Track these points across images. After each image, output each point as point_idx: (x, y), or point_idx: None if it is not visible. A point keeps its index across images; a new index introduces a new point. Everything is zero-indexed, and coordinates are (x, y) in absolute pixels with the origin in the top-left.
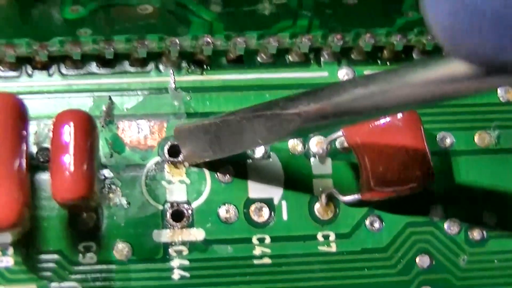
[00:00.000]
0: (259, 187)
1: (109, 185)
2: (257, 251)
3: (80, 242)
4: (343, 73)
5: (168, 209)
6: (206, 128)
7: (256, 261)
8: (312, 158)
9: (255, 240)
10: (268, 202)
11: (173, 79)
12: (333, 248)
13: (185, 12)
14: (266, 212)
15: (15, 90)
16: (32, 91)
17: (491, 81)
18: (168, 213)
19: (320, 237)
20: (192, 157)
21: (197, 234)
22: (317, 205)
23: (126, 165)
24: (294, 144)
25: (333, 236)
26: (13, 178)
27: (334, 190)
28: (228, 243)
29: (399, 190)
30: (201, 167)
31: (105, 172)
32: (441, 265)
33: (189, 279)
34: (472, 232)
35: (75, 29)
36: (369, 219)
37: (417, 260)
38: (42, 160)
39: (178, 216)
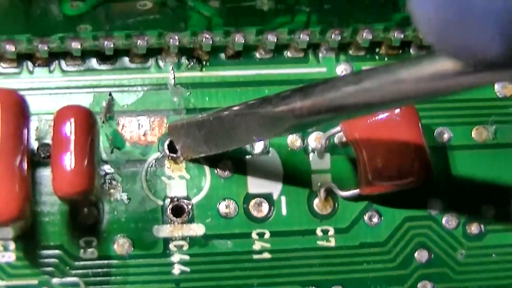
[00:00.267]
0: (258, 182)
1: (109, 181)
2: (257, 246)
3: (81, 237)
4: (341, 68)
5: (168, 204)
6: (200, 125)
7: (255, 256)
8: (311, 154)
9: (254, 235)
10: (268, 197)
11: (173, 75)
12: (332, 242)
13: (184, 7)
14: (265, 207)
15: (16, 87)
16: (33, 87)
17: (479, 78)
18: (169, 208)
19: (319, 232)
20: (187, 153)
21: (197, 229)
22: (316, 200)
23: (126, 160)
24: (293, 140)
25: (332, 231)
26: (14, 174)
27: (332, 185)
28: (228, 238)
29: (398, 185)
30: (201, 162)
31: (106, 168)
32: (439, 259)
33: (189, 273)
34: (470, 226)
35: (75, 25)
36: (367, 213)
37: (415, 254)
38: (43, 155)
39: (178, 211)
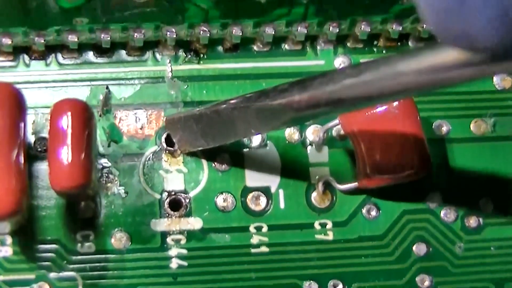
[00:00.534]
0: (256, 175)
1: (106, 174)
2: (255, 239)
3: (78, 231)
4: (339, 61)
5: (165, 198)
6: (198, 118)
7: (253, 250)
8: (309, 147)
9: (252, 229)
10: (265, 190)
11: (170, 68)
12: (330, 236)
13: (181, 0)
14: (263, 200)
15: (12, 80)
16: (29, 80)
17: (478, 69)
18: (166, 202)
19: (317, 225)
20: (185, 146)
21: (194, 223)
22: (314, 194)
23: (123, 154)
24: (291, 133)
25: (330, 224)
26: (11, 167)
27: (330, 178)
28: (226, 231)
29: (396, 178)
30: (198, 156)
31: (103, 162)
32: (438, 253)
33: (187, 267)
34: (469, 220)
35: (71, 18)
36: (365, 207)
37: (413, 248)
38: (40, 149)
39: (175, 205)
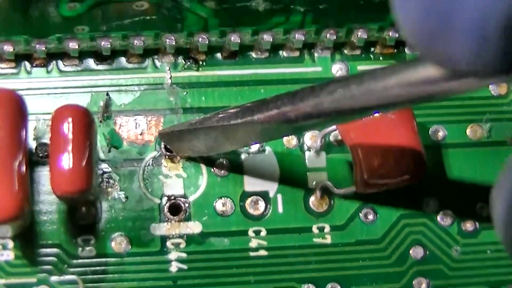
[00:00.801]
0: (254, 180)
1: (107, 179)
2: (253, 243)
3: (79, 236)
4: (337, 67)
5: (165, 202)
6: (192, 133)
7: (252, 253)
8: (307, 152)
9: (251, 233)
10: (264, 195)
11: (169, 75)
12: (328, 240)
13: (180, 8)
14: (262, 205)
15: (14, 87)
16: (31, 87)
17: (464, 84)
18: (166, 207)
19: (315, 229)
20: (182, 153)
21: (194, 227)
22: (312, 198)
23: (123, 159)
24: (289, 138)
25: (328, 228)
26: (13, 173)
27: (328, 183)
28: (225, 235)
29: (393, 183)
30: (197, 161)
31: (103, 167)
32: (435, 256)
33: (186, 271)
34: (465, 224)
35: (72, 26)
36: (363, 211)
37: (410, 252)
38: (41, 155)
39: (175, 209)
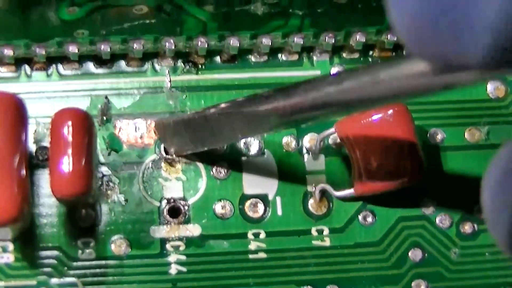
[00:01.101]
0: (254, 183)
1: (107, 182)
2: (253, 246)
3: (79, 238)
4: (335, 71)
5: (165, 205)
6: (186, 123)
7: (251, 256)
8: (306, 155)
9: (250, 235)
10: (263, 198)
11: (169, 78)
12: (327, 242)
13: (179, 12)
14: (261, 207)
15: (14, 91)
16: (31, 91)
17: (455, 78)
18: (165, 210)
19: (314, 232)
20: (175, 149)
21: (193, 230)
22: (311, 201)
23: (123, 162)
24: (288, 141)
25: (327, 231)
26: (13, 176)
27: (327, 185)
28: (224, 238)
29: (391, 185)
30: (197, 164)
31: (103, 170)
32: (433, 259)
33: (186, 273)
34: (464, 226)
35: (72, 30)
36: (362, 213)
37: (409, 254)
38: (41, 158)
39: (174, 212)
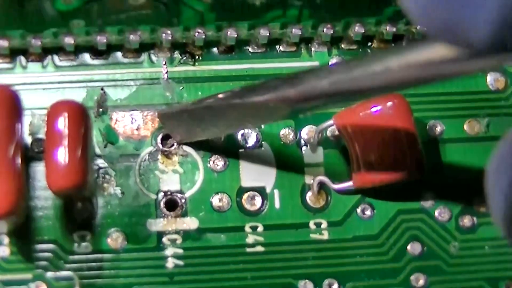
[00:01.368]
0: (251, 176)
1: (103, 175)
2: (250, 239)
3: (75, 232)
4: (334, 62)
5: (161, 198)
6: (190, 112)
7: (249, 249)
8: (304, 147)
9: (248, 229)
10: (261, 190)
11: (166, 69)
12: (325, 235)
13: (176, 2)
14: (258, 200)
15: (9, 82)
16: (26, 82)
17: (463, 65)
18: (162, 202)
19: (312, 225)
20: (180, 138)
21: (190, 223)
22: (309, 194)
23: (120, 155)
24: (286, 133)
25: (325, 224)
26: (8, 168)
27: (325, 178)
28: (221, 231)
29: (390, 177)
30: (193, 156)
31: (99, 162)
32: (432, 252)
33: (183, 267)
34: (463, 219)
35: (68, 20)
36: (360, 207)
37: (408, 247)
38: (36, 150)
39: (171, 205)
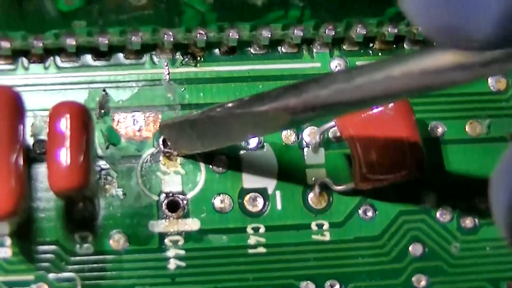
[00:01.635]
0: (253, 177)
1: (105, 176)
2: (252, 240)
3: (77, 233)
4: (335, 63)
5: (163, 199)
6: (193, 124)
7: (250, 250)
8: (305, 148)
9: (249, 230)
10: (262, 192)
11: (167, 71)
12: (326, 237)
13: (178, 3)
14: (260, 202)
15: (11, 83)
16: (28, 83)
17: (466, 73)
18: (164, 204)
19: (313, 226)
20: (181, 149)
21: (192, 224)
22: (310, 195)
23: (121, 156)
24: (288, 135)
25: (326, 225)
26: (10, 169)
27: (327, 179)
28: (223, 232)
29: (391, 178)
30: (195, 158)
31: (101, 164)
32: (434, 253)
33: (184, 268)
34: (464, 220)
35: (69, 21)
36: (362, 208)
37: (410, 248)
38: (38, 151)
39: (173, 206)
